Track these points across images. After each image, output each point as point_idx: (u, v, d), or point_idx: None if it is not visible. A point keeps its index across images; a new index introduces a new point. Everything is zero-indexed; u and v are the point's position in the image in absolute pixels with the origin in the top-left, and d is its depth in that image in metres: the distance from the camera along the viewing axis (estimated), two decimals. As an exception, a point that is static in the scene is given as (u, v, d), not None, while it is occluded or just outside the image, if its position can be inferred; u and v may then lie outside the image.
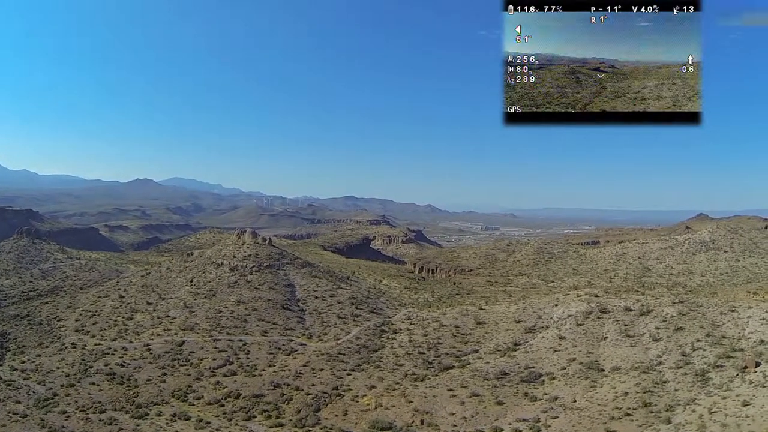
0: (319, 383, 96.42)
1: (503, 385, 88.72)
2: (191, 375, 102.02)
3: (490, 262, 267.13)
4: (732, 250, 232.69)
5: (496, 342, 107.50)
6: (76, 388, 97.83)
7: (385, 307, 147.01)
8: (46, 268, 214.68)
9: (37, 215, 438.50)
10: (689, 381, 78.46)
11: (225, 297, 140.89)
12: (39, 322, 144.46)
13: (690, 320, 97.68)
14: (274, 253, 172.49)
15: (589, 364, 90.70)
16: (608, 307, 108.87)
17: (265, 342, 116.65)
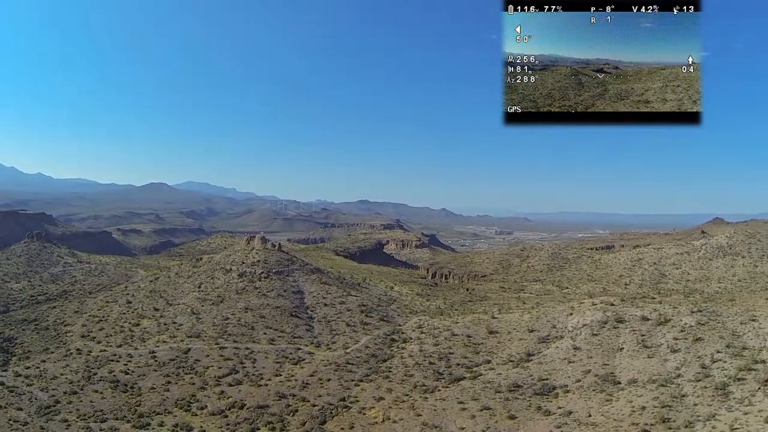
0: (325, 394, 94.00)
1: (516, 398, 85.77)
2: (196, 384, 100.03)
3: (504, 268, 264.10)
4: (750, 255, 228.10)
5: (508, 352, 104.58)
6: (78, 395, 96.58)
7: (396, 315, 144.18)
8: (55, 272, 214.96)
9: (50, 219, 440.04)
10: (709, 395, 75.42)
11: (233, 303, 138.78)
12: (46, 327, 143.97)
13: (709, 330, 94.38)
14: (284, 259, 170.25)
15: (604, 376, 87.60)
16: (624, 317, 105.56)
17: (272, 350, 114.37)
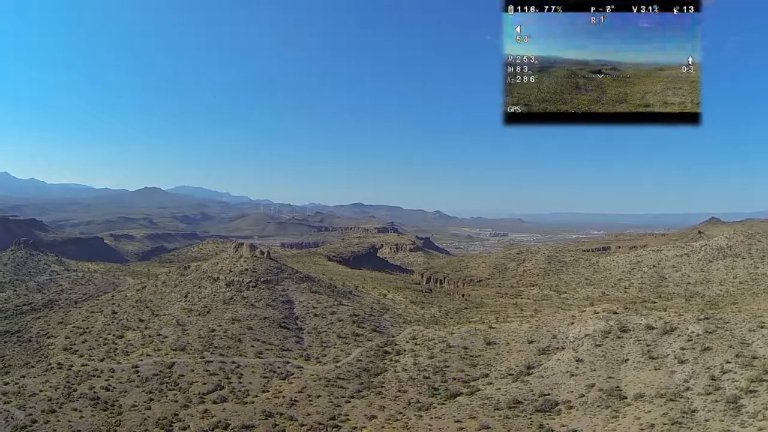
0: (315, 412, 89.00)
1: (516, 416, 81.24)
2: (179, 401, 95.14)
3: (500, 272, 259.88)
4: (750, 256, 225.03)
5: (507, 365, 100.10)
6: (56, 414, 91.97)
7: (389, 325, 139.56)
8: (42, 280, 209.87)
9: (41, 225, 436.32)
10: (720, 409, 71.92)
11: (219, 314, 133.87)
12: (29, 339, 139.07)
13: (717, 339, 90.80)
14: (273, 267, 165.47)
15: (609, 390, 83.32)
16: (628, 325, 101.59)
17: (259, 364, 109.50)
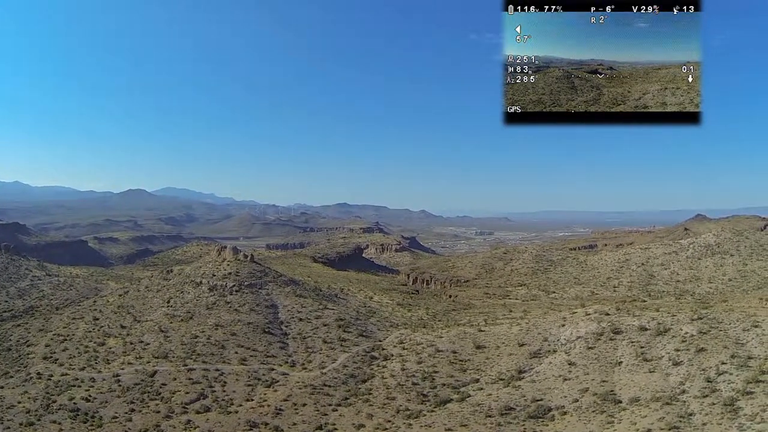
0: (300, 422, 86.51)
1: (508, 423, 78.99)
2: (161, 412, 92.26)
3: (487, 272, 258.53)
4: (738, 253, 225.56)
5: (498, 369, 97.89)
6: (35, 427, 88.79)
7: (376, 329, 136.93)
8: (23, 286, 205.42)
9: (24, 229, 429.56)
10: (717, 412, 69.88)
11: (203, 320, 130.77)
12: (8, 347, 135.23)
13: (711, 339, 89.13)
14: (256, 271, 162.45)
15: (604, 394, 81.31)
16: (621, 327, 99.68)
17: (243, 372, 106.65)
